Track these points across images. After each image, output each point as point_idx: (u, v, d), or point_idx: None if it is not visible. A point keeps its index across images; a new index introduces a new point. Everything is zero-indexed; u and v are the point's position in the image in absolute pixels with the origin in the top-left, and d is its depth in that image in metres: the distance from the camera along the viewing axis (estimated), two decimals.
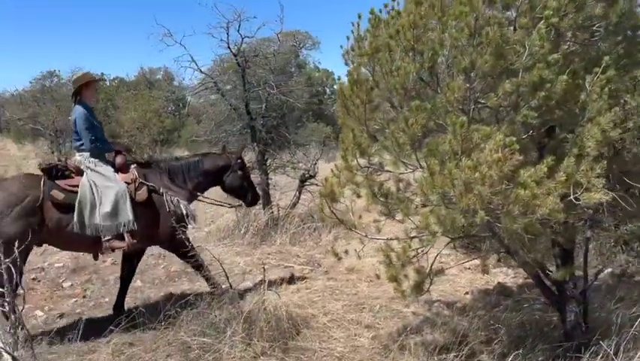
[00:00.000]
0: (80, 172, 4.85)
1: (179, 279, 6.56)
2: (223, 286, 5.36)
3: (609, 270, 5.99)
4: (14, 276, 3.66)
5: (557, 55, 2.83)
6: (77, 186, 4.71)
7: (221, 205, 6.13)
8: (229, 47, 7.63)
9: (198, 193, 5.63)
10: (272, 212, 8.51)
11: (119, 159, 5.09)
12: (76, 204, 4.64)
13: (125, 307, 5.38)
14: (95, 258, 5.15)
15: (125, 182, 4.92)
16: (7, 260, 3.27)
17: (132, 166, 5.16)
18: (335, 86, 24.04)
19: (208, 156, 5.78)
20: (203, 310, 4.61)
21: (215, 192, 6.06)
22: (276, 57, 8.01)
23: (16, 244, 3.50)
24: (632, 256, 6.24)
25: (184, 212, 5.13)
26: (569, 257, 3.78)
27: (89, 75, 5.27)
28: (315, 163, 9.13)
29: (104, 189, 4.75)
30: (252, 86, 7.95)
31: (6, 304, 3.39)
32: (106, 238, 4.75)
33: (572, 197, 2.82)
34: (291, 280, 6.34)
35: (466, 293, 5.69)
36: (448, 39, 2.93)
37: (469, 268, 6.54)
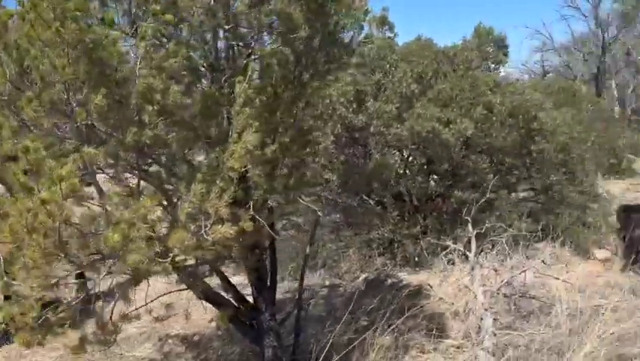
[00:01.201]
0: None
1: None
2: None
3: (364, 275, 5.96)
4: None
5: (174, 60, 2.31)
6: None
7: None
8: None
9: None
10: None
11: None
12: None
13: None
14: None
15: None
16: None
17: None
18: None
19: None
20: None
21: None
22: None
23: None
24: (388, 259, 6.30)
25: None
26: (264, 286, 3.38)
27: None
28: None
29: None
30: None
31: None
32: None
33: (203, 231, 2.34)
34: None
35: (211, 321, 5.14)
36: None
37: None
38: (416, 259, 6.07)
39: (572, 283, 5.04)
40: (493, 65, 6.57)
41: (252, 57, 3.29)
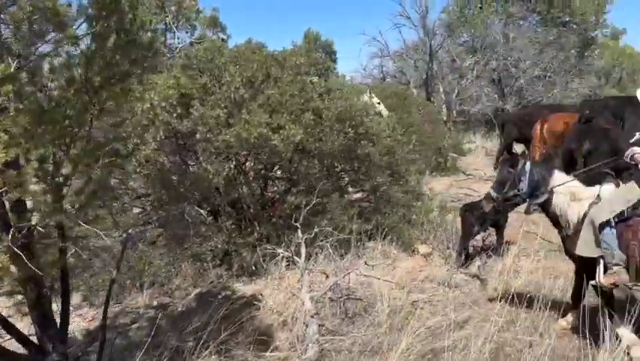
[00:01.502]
0: None
1: None
2: None
3: (197, 290, 5.64)
4: None
5: None
6: None
7: None
8: None
9: None
10: None
11: None
12: None
13: None
14: None
15: None
16: None
17: None
18: None
19: None
20: None
21: None
22: None
23: None
24: (225, 270, 6.07)
25: None
26: (49, 323, 2.94)
27: None
28: None
29: None
30: None
31: None
32: None
33: None
34: None
35: None
36: None
37: None
38: (253, 268, 5.92)
39: (393, 280, 5.31)
40: (322, 71, 6.69)
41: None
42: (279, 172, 6.65)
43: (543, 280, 5.21)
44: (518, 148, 13.26)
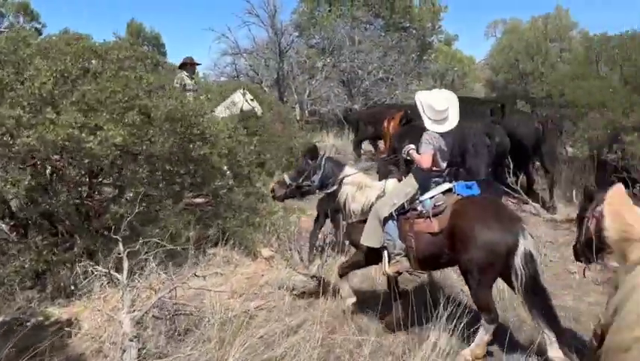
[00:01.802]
0: None
1: None
2: None
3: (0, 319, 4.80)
4: None
5: None
6: None
7: None
8: None
9: None
10: None
11: None
12: None
13: None
14: None
15: None
16: None
17: None
18: None
19: None
20: None
21: None
22: None
23: None
24: (38, 292, 5.27)
25: None
26: None
27: None
28: None
29: None
30: None
31: None
32: None
33: None
34: None
35: None
36: None
37: None
38: (72, 288, 5.22)
39: (231, 289, 5.04)
40: (150, 66, 6.14)
41: None
42: (107, 179, 5.98)
43: (377, 276, 5.32)
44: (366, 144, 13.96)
